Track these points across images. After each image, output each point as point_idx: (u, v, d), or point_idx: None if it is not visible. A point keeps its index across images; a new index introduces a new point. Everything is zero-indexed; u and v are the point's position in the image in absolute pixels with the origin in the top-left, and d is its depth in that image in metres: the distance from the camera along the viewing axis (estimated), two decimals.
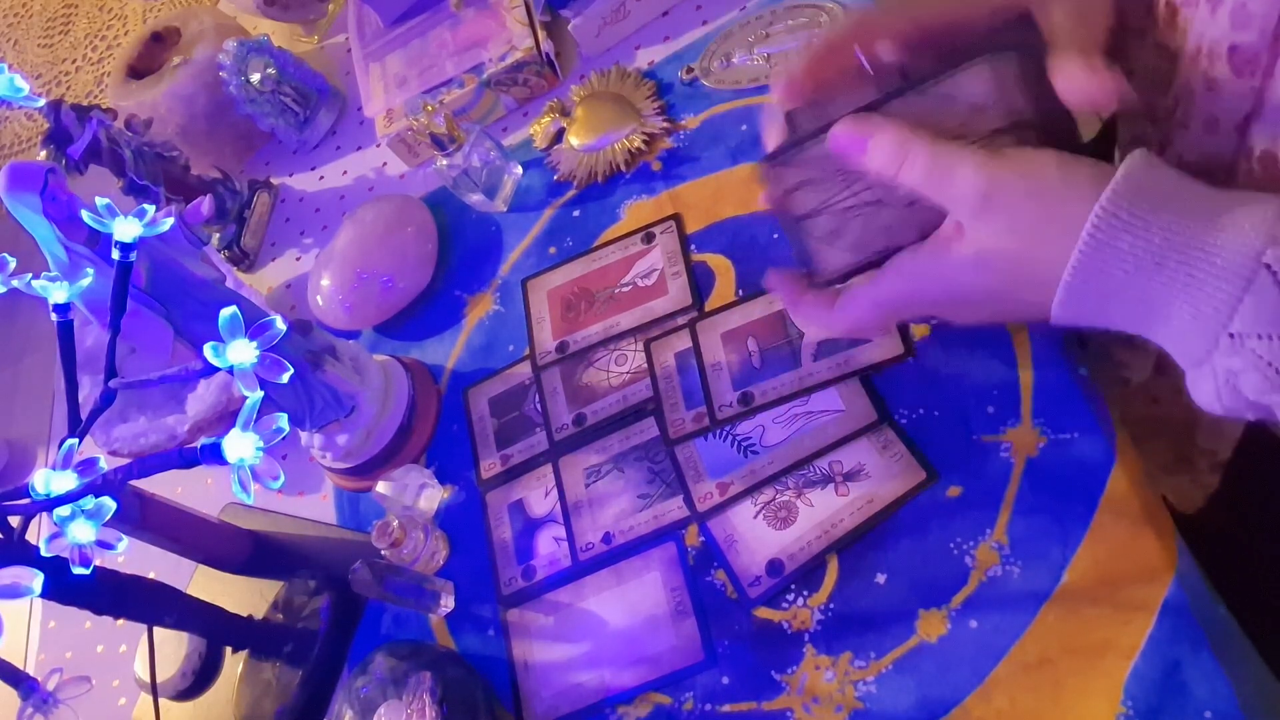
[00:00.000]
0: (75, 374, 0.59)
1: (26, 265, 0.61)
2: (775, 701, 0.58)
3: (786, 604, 0.60)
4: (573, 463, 0.71)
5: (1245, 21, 0.45)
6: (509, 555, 0.70)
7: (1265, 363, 0.37)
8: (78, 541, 0.52)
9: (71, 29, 2.94)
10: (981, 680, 0.53)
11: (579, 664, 0.64)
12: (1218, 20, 0.46)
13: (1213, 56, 0.47)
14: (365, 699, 0.63)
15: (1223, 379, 0.38)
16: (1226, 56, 0.47)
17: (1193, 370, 0.40)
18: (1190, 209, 0.39)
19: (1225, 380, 0.38)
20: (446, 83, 0.95)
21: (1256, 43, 0.45)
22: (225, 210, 1.05)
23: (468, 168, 0.84)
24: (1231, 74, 0.47)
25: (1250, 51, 0.46)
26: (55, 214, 0.59)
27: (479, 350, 0.82)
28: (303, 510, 0.84)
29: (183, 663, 0.79)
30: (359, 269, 0.86)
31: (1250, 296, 0.36)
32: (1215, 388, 0.39)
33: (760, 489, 0.64)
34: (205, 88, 1.06)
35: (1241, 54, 0.46)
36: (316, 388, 0.72)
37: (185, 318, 0.65)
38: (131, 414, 0.95)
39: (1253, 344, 0.37)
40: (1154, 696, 0.49)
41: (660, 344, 0.73)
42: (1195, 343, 0.38)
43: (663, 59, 0.89)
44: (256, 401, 0.51)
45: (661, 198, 0.81)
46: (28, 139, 2.80)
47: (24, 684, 0.64)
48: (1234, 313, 0.37)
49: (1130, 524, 0.54)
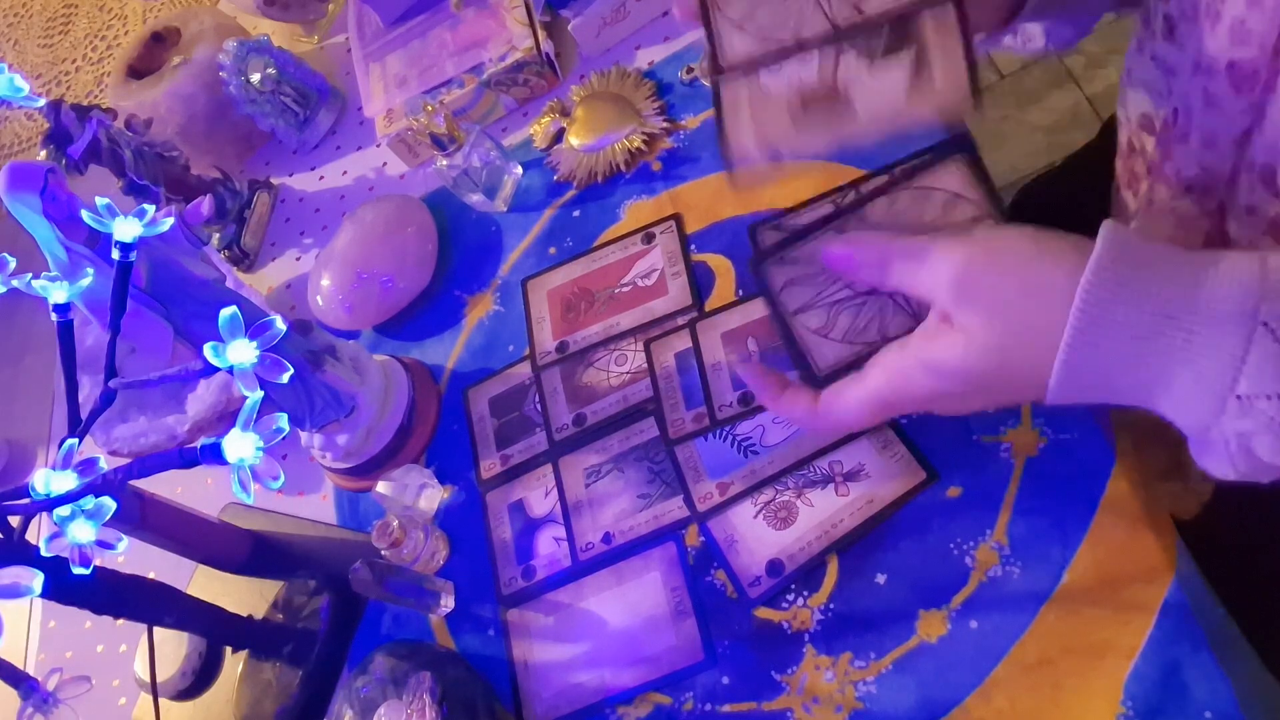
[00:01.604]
0: (75, 374, 0.59)
1: (26, 265, 0.61)
2: (775, 701, 0.58)
3: (786, 604, 0.60)
4: (573, 463, 0.71)
5: (1244, 38, 0.45)
6: (509, 555, 0.70)
7: (1278, 423, 0.36)
8: (78, 541, 0.52)
9: (71, 29, 2.93)
10: (981, 680, 0.53)
11: (579, 664, 0.64)
12: (1216, 36, 0.46)
13: (1211, 72, 0.47)
14: (365, 699, 0.63)
15: (1234, 444, 0.37)
16: (1225, 72, 0.46)
17: (1199, 437, 0.39)
18: (1176, 274, 0.38)
19: (1237, 445, 0.37)
20: (446, 83, 0.95)
21: (1256, 59, 0.45)
22: (225, 210, 1.04)
23: (468, 168, 0.84)
24: (1230, 89, 0.47)
25: (1249, 68, 0.45)
26: (55, 214, 0.59)
27: (479, 350, 0.82)
28: (303, 510, 0.84)
29: (183, 663, 0.79)
30: (359, 269, 0.86)
31: (1253, 356, 0.36)
32: (1227, 454, 0.38)
33: (760, 489, 0.64)
34: (205, 88, 1.06)
35: (1240, 70, 0.46)
36: (316, 388, 0.72)
37: (185, 318, 0.65)
38: (131, 414, 0.95)
39: (1262, 405, 0.36)
40: (1154, 697, 0.49)
41: (660, 344, 0.73)
42: (1200, 409, 0.37)
43: (663, 59, 0.89)
44: (256, 401, 0.51)
45: (661, 198, 0.81)
46: (28, 139, 2.80)
47: (24, 684, 0.64)
48: (1239, 374, 0.36)
49: (1130, 525, 0.54)
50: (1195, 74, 0.48)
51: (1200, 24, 0.48)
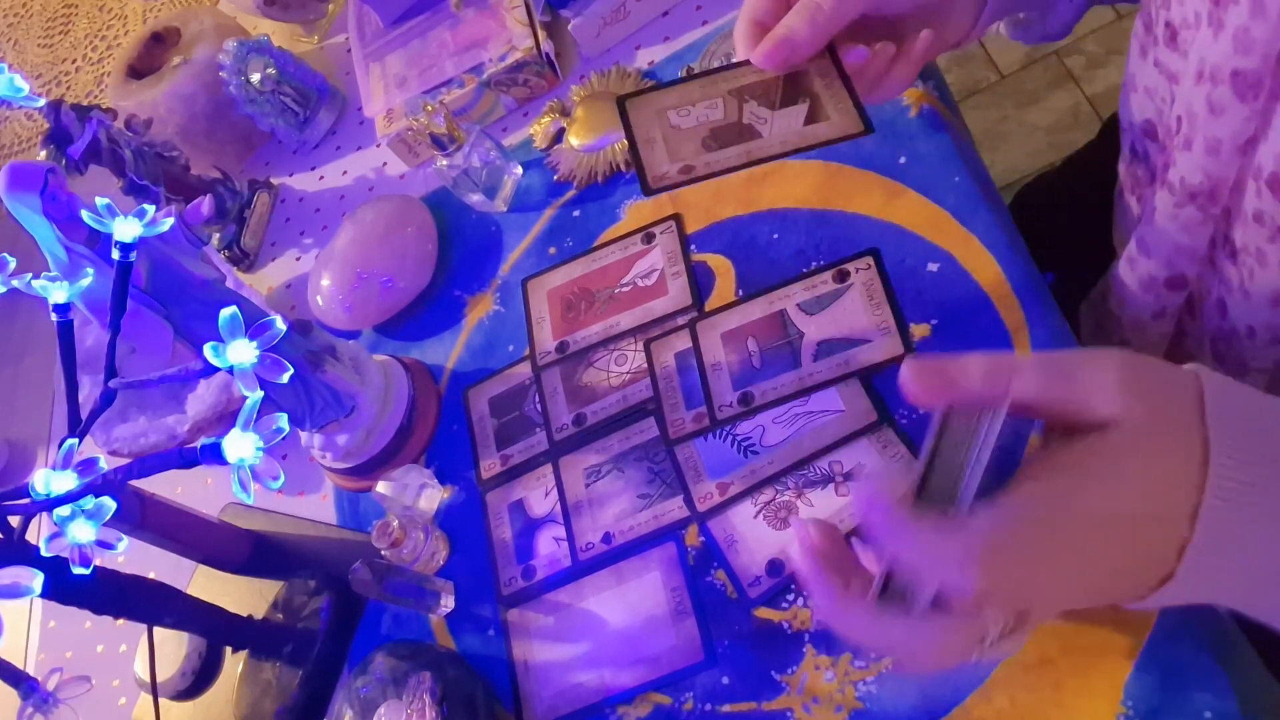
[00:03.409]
0: (75, 374, 0.59)
1: (26, 265, 0.61)
2: (775, 701, 0.58)
3: (786, 604, 0.60)
4: (573, 463, 0.71)
5: (1248, 47, 0.44)
6: (509, 555, 0.70)
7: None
8: (78, 541, 0.52)
9: (71, 29, 2.93)
10: (982, 680, 0.53)
11: (579, 664, 0.64)
12: (1220, 45, 0.46)
13: (1215, 80, 0.47)
14: (365, 699, 0.63)
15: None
16: (1229, 81, 0.46)
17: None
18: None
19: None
20: (446, 83, 0.95)
21: (1260, 68, 0.44)
22: (225, 210, 1.04)
23: (468, 168, 0.84)
24: (1235, 98, 0.46)
25: (1254, 76, 0.45)
26: (55, 214, 0.59)
27: (479, 350, 0.82)
28: (303, 510, 0.84)
29: (183, 663, 0.79)
30: (359, 269, 0.86)
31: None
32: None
33: (760, 489, 0.64)
34: (205, 88, 1.06)
35: (1244, 79, 0.45)
36: (316, 388, 0.72)
37: (185, 318, 0.65)
38: (131, 414, 0.95)
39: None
40: (1154, 697, 0.49)
41: (660, 344, 0.73)
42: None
43: (663, 59, 0.89)
44: (256, 401, 0.51)
45: (661, 198, 0.81)
46: (28, 139, 2.80)
47: (24, 684, 0.64)
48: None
49: None
50: (1198, 82, 0.48)
51: (1202, 32, 0.48)
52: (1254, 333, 0.56)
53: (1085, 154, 0.96)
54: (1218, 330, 0.59)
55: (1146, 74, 0.57)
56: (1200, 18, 0.48)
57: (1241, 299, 0.55)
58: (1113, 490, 0.35)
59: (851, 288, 0.68)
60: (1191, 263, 0.57)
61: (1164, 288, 0.60)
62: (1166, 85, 0.56)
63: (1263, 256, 0.52)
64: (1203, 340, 0.61)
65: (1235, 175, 0.50)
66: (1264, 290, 0.53)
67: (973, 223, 0.66)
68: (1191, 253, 0.57)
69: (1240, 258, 0.54)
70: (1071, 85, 1.79)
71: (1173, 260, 0.58)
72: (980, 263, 0.65)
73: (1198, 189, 0.52)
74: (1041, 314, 0.61)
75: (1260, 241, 0.51)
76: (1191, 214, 0.54)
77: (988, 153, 1.77)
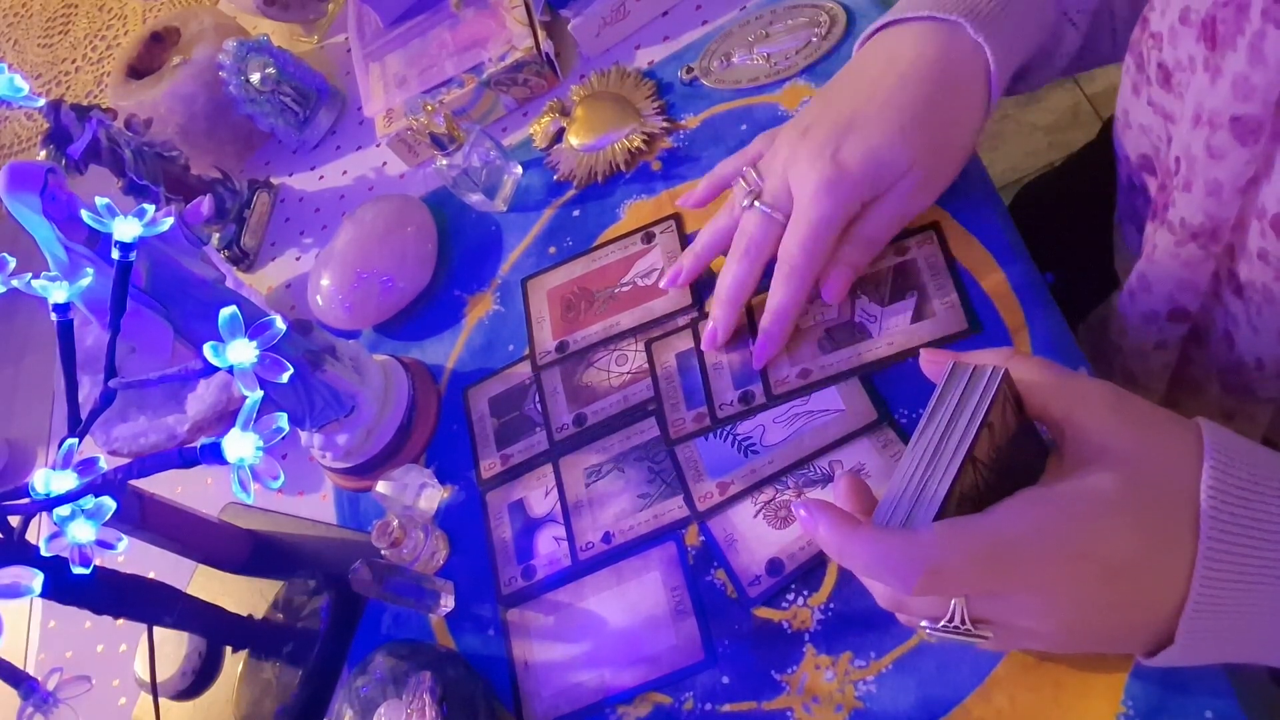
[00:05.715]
0: (75, 374, 0.59)
1: (26, 265, 0.61)
2: (775, 701, 0.58)
3: (786, 604, 0.60)
4: (573, 462, 0.71)
5: (1248, 94, 0.44)
6: (509, 555, 0.70)
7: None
8: (78, 541, 0.52)
9: (71, 29, 2.93)
10: (981, 680, 0.53)
11: (579, 664, 0.64)
12: (1218, 90, 0.45)
13: (1214, 125, 0.46)
14: (365, 699, 0.63)
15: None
16: (1229, 126, 0.46)
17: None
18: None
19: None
20: (446, 83, 0.95)
21: (1260, 113, 0.44)
22: (225, 210, 1.04)
23: (468, 168, 0.84)
24: (1235, 142, 0.46)
25: (1254, 121, 0.45)
26: (55, 214, 0.59)
27: (479, 350, 0.82)
28: (303, 510, 0.84)
29: (183, 662, 0.79)
30: (359, 269, 0.86)
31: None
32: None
33: (760, 488, 0.64)
34: (205, 88, 1.06)
35: (1244, 124, 0.45)
36: (316, 388, 0.72)
37: (185, 318, 0.65)
38: (131, 414, 0.95)
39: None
40: (1154, 696, 0.49)
41: (661, 344, 0.73)
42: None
43: (663, 59, 0.89)
44: (256, 401, 0.51)
45: (661, 197, 0.81)
46: (28, 139, 2.80)
47: (24, 684, 0.64)
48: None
49: None
50: (1196, 125, 0.48)
51: (1198, 76, 0.47)
52: (1263, 365, 0.56)
53: (1085, 154, 0.96)
54: (1225, 362, 0.59)
55: (1140, 111, 0.57)
56: (1195, 62, 0.47)
57: (1250, 333, 0.55)
58: (1093, 542, 0.39)
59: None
60: (1194, 297, 0.57)
61: (1166, 320, 0.60)
62: (1162, 124, 0.55)
63: (1269, 293, 0.51)
64: (1210, 370, 0.61)
65: (1237, 214, 0.50)
66: (1272, 325, 0.53)
67: (973, 223, 0.66)
68: (1194, 288, 0.56)
69: (1246, 293, 0.53)
70: (1071, 85, 1.79)
71: (1175, 295, 0.58)
72: (980, 263, 0.65)
73: (1199, 229, 0.52)
74: (1041, 314, 0.61)
75: (1267, 279, 0.51)
76: (1193, 252, 0.54)
77: (988, 153, 1.77)
